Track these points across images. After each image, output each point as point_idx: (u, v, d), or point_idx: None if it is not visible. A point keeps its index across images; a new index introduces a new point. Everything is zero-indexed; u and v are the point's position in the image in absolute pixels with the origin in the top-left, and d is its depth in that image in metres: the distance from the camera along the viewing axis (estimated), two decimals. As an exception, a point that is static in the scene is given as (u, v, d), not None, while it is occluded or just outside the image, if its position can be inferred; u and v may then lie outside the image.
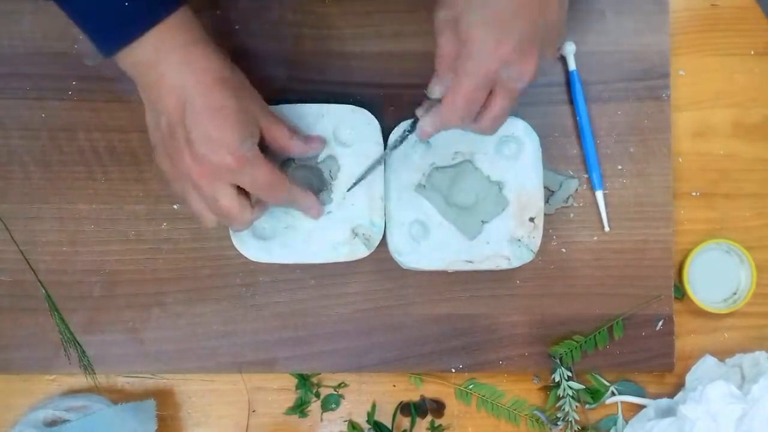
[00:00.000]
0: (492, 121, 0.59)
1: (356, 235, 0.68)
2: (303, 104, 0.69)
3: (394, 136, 0.68)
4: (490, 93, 0.57)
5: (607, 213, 0.73)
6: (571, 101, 0.73)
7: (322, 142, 0.68)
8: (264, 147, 0.61)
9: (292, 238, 0.67)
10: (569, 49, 0.73)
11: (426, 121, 0.60)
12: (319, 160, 0.68)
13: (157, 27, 0.54)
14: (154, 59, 0.55)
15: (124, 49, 0.55)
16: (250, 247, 0.67)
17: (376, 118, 0.69)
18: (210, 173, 0.57)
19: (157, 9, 0.55)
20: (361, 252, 0.68)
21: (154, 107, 0.57)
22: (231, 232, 0.67)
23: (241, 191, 0.59)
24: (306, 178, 0.68)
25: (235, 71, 0.59)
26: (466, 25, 0.55)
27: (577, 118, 0.73)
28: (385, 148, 0.69)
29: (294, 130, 0.64)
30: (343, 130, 0.69)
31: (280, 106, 0.68)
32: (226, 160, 0.56)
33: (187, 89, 0.55)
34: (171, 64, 0.55)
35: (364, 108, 0.69)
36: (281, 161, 0.67)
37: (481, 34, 0.54)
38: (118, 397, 0.73)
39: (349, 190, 0.68)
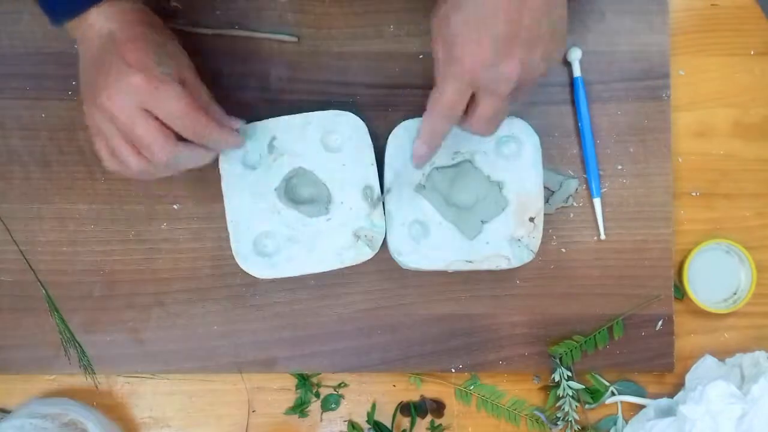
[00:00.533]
0: (484, 124, 0.59)
1: (359, 237, 0.68)
2: (287, 116, 0.68)
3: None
4: (477, 96, 0.57)
5: (607, 214, 0.73)
6: (572, 101, 0.73)
7: (237, 135, 0.65)
8: None
9: (296, 251, 0.67)
10: (575, 55, 0.73)
11: (416, 143, 0.61)
12: (309, 169, 0.68)
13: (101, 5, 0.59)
14: (91, 17, 0.59)
15: (74, 20, 0.59)
16: (255, 265, 0.67)
17: (376, 118, 0.69)
18: (124, 97, 0.56)
19: None
20: (366, 254, 0.68)
21: (84, 53, 0.60)
22: (234, 251, 0.67)
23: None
24: (303, 185, 0.68)
25: (166, 31, 0.62)
26: (449, 27, 0.55)
27: (579, 125, 0.73)
28: (375, 149, 0.69)
29: (213, 104, 0.62)
30: (331, 135, 0.69)
31: (264, 121, 0.68)
32: (137, 80, 0.56)
33: (112, 28, 0.59)
34: (101, 15, 0.59)
35: (365, 108, 0.69)
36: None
37: (461, 36, 0.55)
38: (102, 400, 0.74)
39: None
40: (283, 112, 0.69)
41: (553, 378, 0.73)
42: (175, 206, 0.73)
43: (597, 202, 0.73)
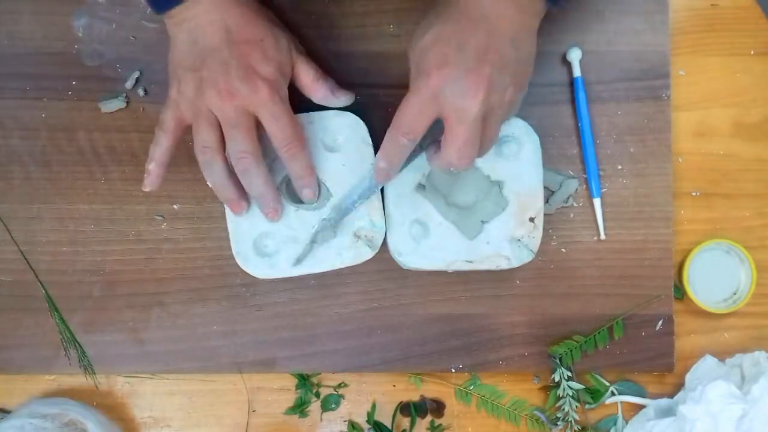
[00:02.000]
0: (454, 153, 0.57)
1: (359, 237, 0.68)
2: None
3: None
4: (446, 123, 0.57)
5: (607, 214, 0.73)
6: (572, 101, 0.73)
7: (350, 96, 0.68)
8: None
9: (296, 251, 0.67)
10: (575, 55, 0.72)
11: (377, 157, 0.61)
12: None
13: None
14: (199, 7, 0.59)
15: (172, 10, 0.59)
16: (256, 265, 0.67)
17: (376, 118, 0.69)
18: (240, 99, 0.59)
19: None
20: (366, 254, 0.68)
21: (191, 35, 0.60)
22: (234, 251, 0.67)
23: None
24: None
25: (269, 15, 0.63)
26: (420, 42, 0.57)
27: (579, 125, 0.73)
28: (375, 149, 0.69)
29: (320, 74, 0.66)
30: (331, 135, 0.69)
31: None
32: (260, 90, 0.59)
33: (227, 21, 0.59)
34: (213, 10, 0.59)
35: (365, 108, 0.69)
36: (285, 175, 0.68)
37: (430, 51, 0.56)
38: (102, 400, 0.74)
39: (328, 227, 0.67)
40: (283, 112, 0.69)
41: (553, 378, 0.73)
42: (175, 206, 0.73)
43: (597, 202, 0.73)
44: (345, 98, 0.68)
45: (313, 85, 0.65)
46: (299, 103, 0.70)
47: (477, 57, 0.55)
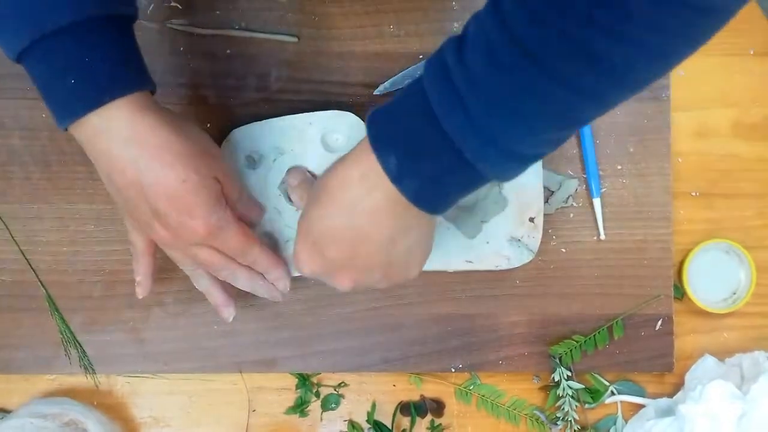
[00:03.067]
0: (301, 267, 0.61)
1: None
2: (287, 116, 0.68)
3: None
4: None
5: (607, 214, 0.73)
6: (571, 101, 0.73)
7: (261, 210, 0.68)
8: None
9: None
10: None
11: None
12: (310, 169, 0.68)
13: (101, 107, 0.52)
14: (101, 135, 0.53)
15: (73, 124, 0.53)
16: None
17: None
18: (184, 240, 0.58)
19: (100, 94, 0.52)
20: None
21: (109, 179, 0.56)
22: None
23: None
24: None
25: (188, 139, 0.56)
26: (302, 225, 0.58)
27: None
28: None
29: (241, 190, 0.63)
30: (331, 135, 0.69)
31: (265, 121, 0.68)
32: (198, 232, 0.57)
33: (140, 167, 0.53)
34: (119, 141, 0.53)
35: (365, 108, 0.69)
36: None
37: (302, 244, 0.57)
38: (102, 400, 0.74)
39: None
40: (283, 112, 0.69)
41: (553, 378, 0.73)
42: (175, 206, 0.72)
43: (597, 202, 0.73)
44: (256, 214, 0.67)
45: (239, 202, 0.63)
46: (300, 103, 0.70)
47: (343, 268, 0.56)
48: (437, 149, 0.48)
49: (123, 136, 0.53)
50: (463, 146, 0.47)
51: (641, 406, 0.74)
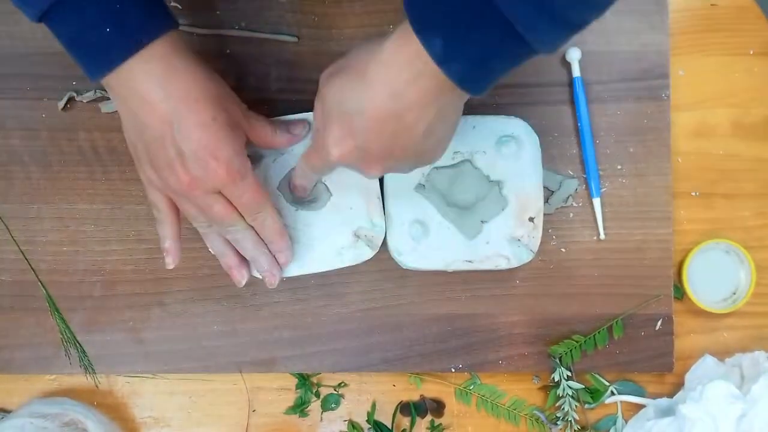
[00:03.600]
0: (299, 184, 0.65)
1: (359, 237, 0.68)
2: (287, 116, 0.68)
3: None
4: None
5: (607, 214, 0.73)
6: (571, 101, 0.73)
7: (305, 126, 0.67)
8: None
9: (296, 250, 0.67)
10: (574, 56, 0.72)
11: (292, 176, 0.66)
12: None
13: (139, 52, 0.54)
14: (137, 77, 0.54)
15: (109, 75, 0.54)
16: None
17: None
18: (202, 185, 0.57)
19: (139, 37, 0.54)
20: (366, 254, 0.68)
21: (137, 120, 0.56)
22: None
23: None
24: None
25: (216, 81, 0.59)
26: (327, 106, 0.56)
27: (578, 125, 0.73)
28: None
29: (275, 126, 0.65)
30: None
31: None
32: (219, 174, 0.57)
33: (173, 105, 0.55)
34: (154, 82, 0.54)
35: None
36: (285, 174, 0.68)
37: (331, 130, 0.55)
38: (102, 400, 0.74)
39: None
40: (283, 112, 0.69)
41: (553, 378, 0.73)
42: (175, 206, 0.73)
43: (597, 202, 0.73)
44: (301, 130, 0.67)
45: (274, 139, 0.65)
46: (300, 103, 0.70)
47: (378, 158, 0.55)
48: (486, 24, 0.47)
49: (158, 76, 0.54)
50: (516, 16, 0.46)
51: (641, 406, 0.74)
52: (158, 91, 0.54)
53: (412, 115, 0.52)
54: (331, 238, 0.68)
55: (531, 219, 0.69)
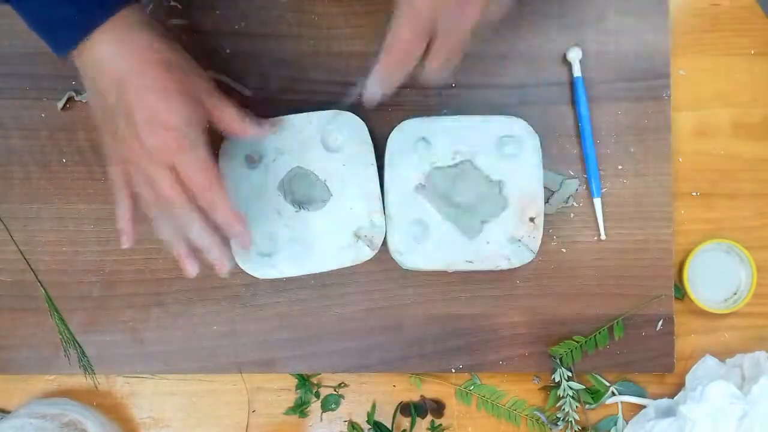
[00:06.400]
0: (439, 67, 0.56)
1: (359, 237, 0.68)
2: (287, 116, 0.69)
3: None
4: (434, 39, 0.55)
5: (607, 214, 0.73)
6: (572, 101, 0.73)
7: (273, 124, 0.66)
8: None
9: (296, 250, 0.67)
10: (575, 55, 0.72)
11: (369, 82, 0.58)
12: (309, 169, 0.68)
13: (99, 27, 0.55)
14: (96, 47, 0.55)
15: (74, 51, 0.55)
16: (255, 265, 0.67)
17: (376, 118, 0.69)
18: (153, 154, 0.56)
19: (98, 12, 0.55)
20: (366, 254, 0.68)
21: (95, 88, 0.57)
22: (234, 252, 0.67)
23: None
24: (302, 185, 0.68)
25: (176, 51, 0.58)
26: None
27: (579, 125, 0.73)
28: (375, 149, 0.69)
29: (245, 113, 0.62)
30: (331, 135, 0.69)
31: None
32: (167, 141, 0.56)
33: (126, 69, 0.55)
34: (110, 50, 0.55)
35: (364, 108, 0.69)
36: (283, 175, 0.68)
37: None
38: (102, 400, 0.74)
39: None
40: (283, 112, 0.69)
41: (554, 378, 0.72)
42: (175, 206, 0.73)
43: (597, 202, 0.73)
44: (270, 128, 0.65)
45: (237, 125, 0.62)
46: (300, 103, 0.70)
47: None
48: None
49: (114, 43, 0.55)
50: None
51: (642, 407, 0.74)
52: (113, 57, 0.55)
53: None
54: (331, 238, 0.68)
55: (531, 219, 0.69)
